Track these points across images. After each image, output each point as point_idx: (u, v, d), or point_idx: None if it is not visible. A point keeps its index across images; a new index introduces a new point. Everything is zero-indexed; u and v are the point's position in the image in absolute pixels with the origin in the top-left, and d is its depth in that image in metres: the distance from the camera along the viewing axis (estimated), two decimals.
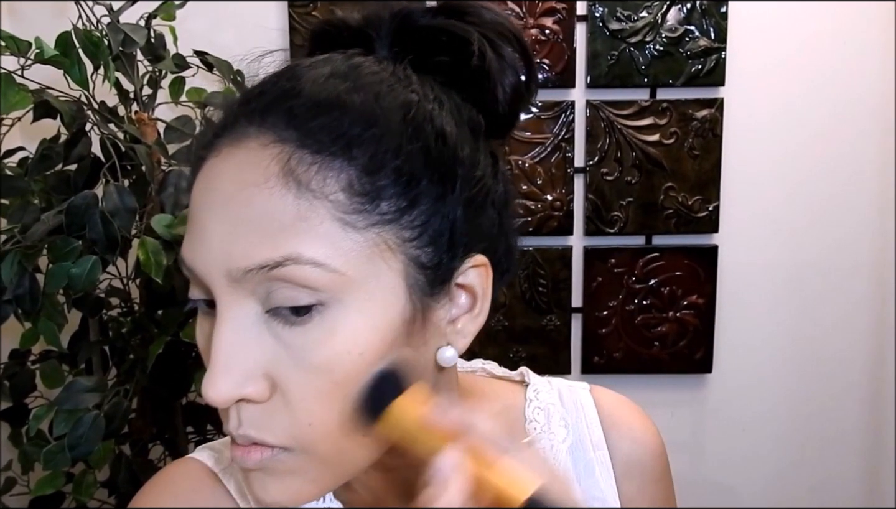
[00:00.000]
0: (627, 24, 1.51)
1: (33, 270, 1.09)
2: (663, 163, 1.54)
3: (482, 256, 0.46)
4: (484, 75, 0.47)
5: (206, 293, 0.43)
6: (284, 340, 0.41)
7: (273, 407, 0.42)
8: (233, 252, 0.40)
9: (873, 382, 1.64)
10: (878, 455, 1.66)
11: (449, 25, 0.47)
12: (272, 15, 1.51)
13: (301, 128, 0.41)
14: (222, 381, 0.40)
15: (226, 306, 0.41)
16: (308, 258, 0.39)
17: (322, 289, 0.40)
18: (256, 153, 0.41)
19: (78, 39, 1.07)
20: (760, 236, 1.60)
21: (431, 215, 0.43)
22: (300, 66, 0.45)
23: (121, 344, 1.25)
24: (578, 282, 1.59)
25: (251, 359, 0.41)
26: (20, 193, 1.14)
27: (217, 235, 0.41)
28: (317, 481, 0.43)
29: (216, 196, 0.42)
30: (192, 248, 0.43)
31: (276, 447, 0.42)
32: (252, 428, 0.42)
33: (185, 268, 0.43)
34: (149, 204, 1.19)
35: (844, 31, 1.54)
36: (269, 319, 0.41)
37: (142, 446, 1.28)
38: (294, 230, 0.40)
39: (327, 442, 0.42)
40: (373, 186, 0.41)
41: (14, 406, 1.26)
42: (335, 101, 0.42)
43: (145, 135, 1.19)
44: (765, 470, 1.67)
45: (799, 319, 1.62)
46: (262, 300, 0.41)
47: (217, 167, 0.43)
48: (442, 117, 0.45)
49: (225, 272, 0.41)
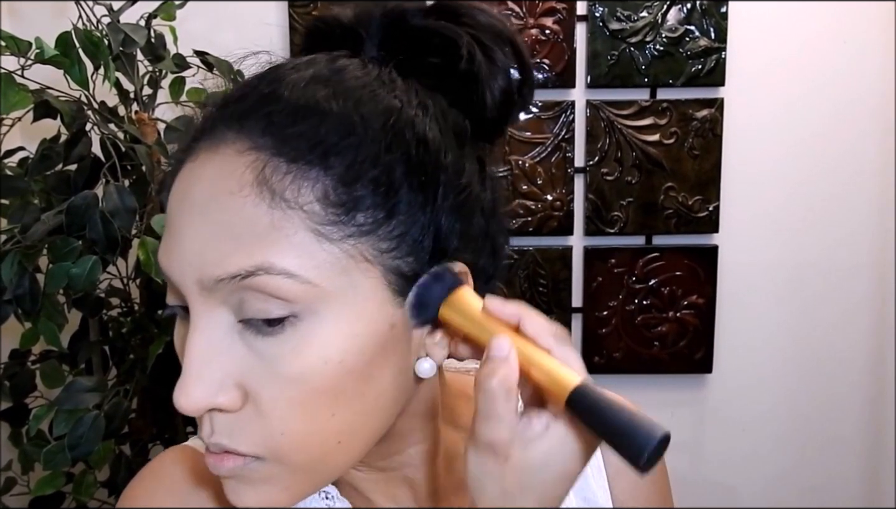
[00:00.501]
0: (627, 24, 1.51)
1: (33, 270, 1.09)
2: (663, 163, 1.54)
3: (461, 264, 0.45)
4: (472, 79, 0.46)
5: (181, 300, 0.43)
6: (257, 350, 0.40)
7: (245, 416, 0.41)
8: (205, 260, 0.40)
9: (874, 382, 1.64)
10: (879, 455, 1.66)
11: (439, 27, 0.46)
12: (272, 15, 1.51)
13: (278, 135, 0.40)
14: (194, 389, 0.40)
15: (198, 315, 0.41)
16: (280, 268, 0.39)
17: (294, 299, 0.39)
18: (232, 160, 0.41)
19: (78, 39, 1.07)
20: (760, 236, 1.60)
21: (412, 225, 0.42)
22: (283, 69, 0.44)
23: (121, 344, 1.25)
24: (578, 282, 1.59)
25: (223, 369, 0.40)
26: (20, 193, 1.14)
27: (191, 242, 0.41)
28: (290, 489, 0.43)
29: (191, 202, 0.41)
30: (167, 254, 0.42)
31: (248, 455, 0.42)
32: (224, 437, 0.42)
33: (161, 274, 0.43)
34: (149, 204, 1.19)
35: (844, 31, 1.54)
36: (242, 329, 0.41)
37: (142, 446, 1.28)
38: (267, 240, 0.39)
39: (300, 451, 0.42)
40: (349, 197, 0.40)
41: (14, 406, 1.26)
42: (313, 107, 0.41)
43: (145, 135, 1.19)
44: (765, 470, 1.67)
45: (799, 319, 1.62)
46: (234, 309, 0.40)
47: (194, 172, 0.42)
48: (425, 123, 0.44)
49: (197, 280, 0.40)
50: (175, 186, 0.44)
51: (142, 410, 1.26)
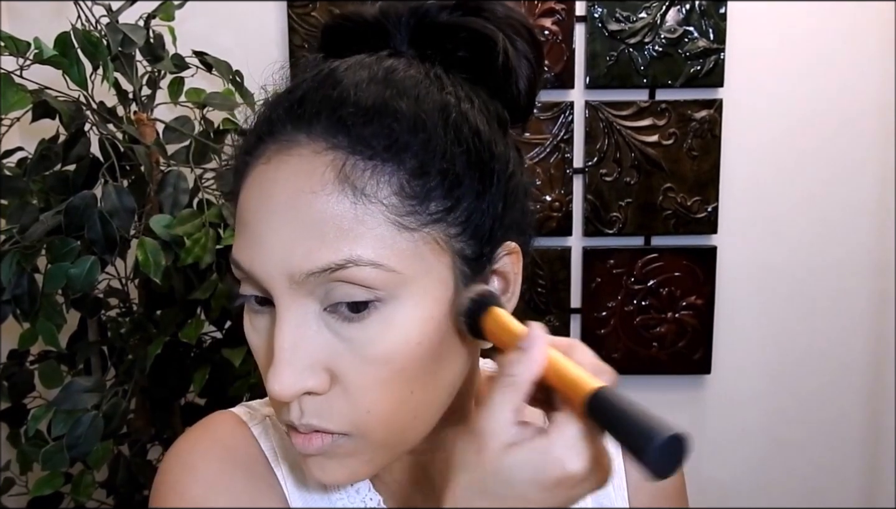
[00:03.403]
0: (626, 25, 1.51)
1: (32, 270, 1.09)
2: (662, 163, 1.54)
3: (513, 243, 0.49)
4: (506, 71, 0.49)
5: (260, 291, 0.45)
6: (342, 335, 0.44)
7: (333, 396, 0.44)
8: (294, 256, 0.43)
9: (873, 382, 1.64)
10: (878, 455, 1.66)
11: (470, 23, 0.49)
12: (271, 15, 1.51)
13: (352, 134, 0.43)
14: (287, 377, 0.43)
15: (286, 307, 0.44)
16: (367, 260, 0.42)
17: (379, 287, 0.43)
18: (310, 160, 0.43)
19: (77, 40, 1.07)
20: (759, 237, 1.60)
21: (473, 211, 0.46)
22: (337, 71, 0.47)
23: (119, 344, 1.25)
24: (577, 282, 1.59)
25: (312, 355, 0.43)
26: (19, 194, 1.14)
27: (277, 240, 0.43)
28: (372, 461, 0.47)
29: (272, 203, 0.44)
30: (248, 252, 0.45)
31: (336, 433, 0.45)
32: (314, 418, 0.45)
33: (238, 270, 0.46)
34: (147, 204, 1.19)
35: (844, 31, 1.54)
36: (328, 316, 0.44)
37: (140, 446, 1.28)
38: (353, 234, 0.42)
39: (384, 426, 0.45)
40: (422, 189, 0.44)
41: (13, 406, 1.26)
42: (382, 107, 0.44)
43: (144, 135, 1.19)
44: (764, 470, 1.67)
45: (798, 320, 1.62)
46: (320, 299, 0.43)
47: (269, 174, 0.45)
48: (475, 116, 0.47)
49: (286, 275, 0.43)
50: (247, 189, 0.46)
51: (140, 410, 1.26)
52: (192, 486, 0.51)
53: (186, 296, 1.17)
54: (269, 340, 0.45)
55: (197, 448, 0.54)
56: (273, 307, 0.45)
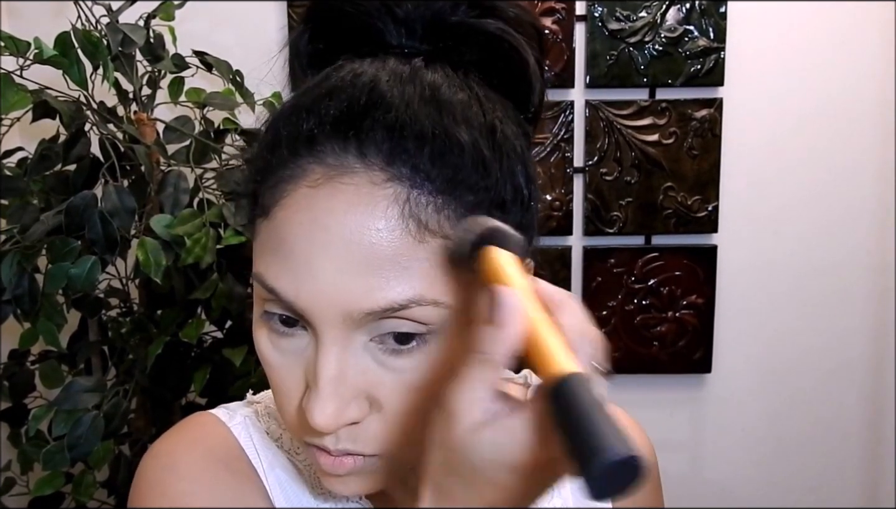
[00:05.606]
0: (626, 24, 1.51)
1: (32, 270, 1.09)
2: (662, 163, 1.54)
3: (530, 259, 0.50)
4: (523, 74, 0.48)
5: (290, 312, 0.43)
6: (385, 364, 0.43)
7: (369, 421, 0.44)
8: (352, 294, 0.41)
9: (873, 382, 1.64)
10: (879, 455, 1.66)
11: (484, 25, 0.47)
12: (271, 15, 1.51)
13: (412, 165, 0.41)
14: (333, 409, 0.42)
15: (333, 340, 0.42)
16: (430, 299, 0.41)
17: (434, 322, 0.42)
18: (370, 191, 0.41)
19: (77, 39, 1.07)
20: (759, 236, 1.60)
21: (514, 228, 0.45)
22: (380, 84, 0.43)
23: (120, 344, 1.25)
24: (578, 282, 1.59)
25: (355, 385, 0.43)
26: (19, 194, 1.14)
27: (331, 276, 0.41)
28: (390, 475, 0.47)
29: (328, 235, 0.41)
30: (293, 283, 0.42)
31: (368, 456, 0.45)
32: (349, 443, 0.44)
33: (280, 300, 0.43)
34: (148, 204, 1.19)
35: (844, 31, 1.54)
36: (373, 345, 0.43)
37: (141, 446, 1.27)
38: (416, 272, 0.41)
39: (414, 447, 0.44)
40: None
41: (13, 406, 1.26)
42: (443, 137, 0.42)
43: (144, 135, 1.19)
44: (764, 470, 1.67)
45: (798, 319, 1.62)
46: (368, 331, 0.42)
47: (320, 202, 0.42)
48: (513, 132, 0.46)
49: (341, 312, 0.41)
50: (293, 211, 0.42)
51: (141, 410, 1.26)
52: (173, 484, 0.50)
53: (187, 295, 1.17)
54: (299, 364, 0.44)
55: (177, 447, 0.52)
56: (303, 328, 0.43)
